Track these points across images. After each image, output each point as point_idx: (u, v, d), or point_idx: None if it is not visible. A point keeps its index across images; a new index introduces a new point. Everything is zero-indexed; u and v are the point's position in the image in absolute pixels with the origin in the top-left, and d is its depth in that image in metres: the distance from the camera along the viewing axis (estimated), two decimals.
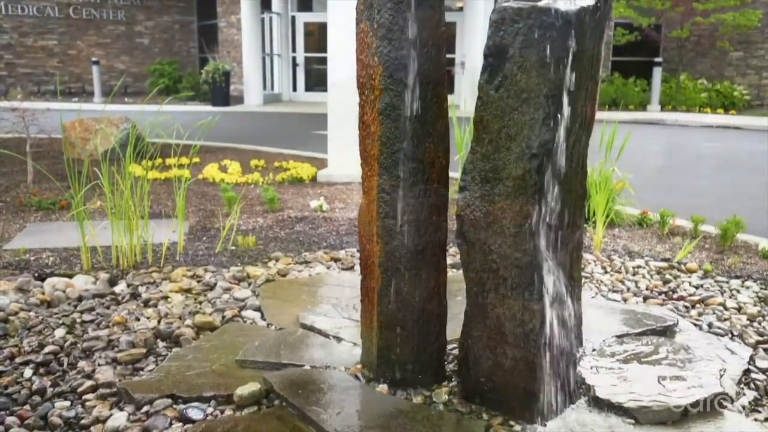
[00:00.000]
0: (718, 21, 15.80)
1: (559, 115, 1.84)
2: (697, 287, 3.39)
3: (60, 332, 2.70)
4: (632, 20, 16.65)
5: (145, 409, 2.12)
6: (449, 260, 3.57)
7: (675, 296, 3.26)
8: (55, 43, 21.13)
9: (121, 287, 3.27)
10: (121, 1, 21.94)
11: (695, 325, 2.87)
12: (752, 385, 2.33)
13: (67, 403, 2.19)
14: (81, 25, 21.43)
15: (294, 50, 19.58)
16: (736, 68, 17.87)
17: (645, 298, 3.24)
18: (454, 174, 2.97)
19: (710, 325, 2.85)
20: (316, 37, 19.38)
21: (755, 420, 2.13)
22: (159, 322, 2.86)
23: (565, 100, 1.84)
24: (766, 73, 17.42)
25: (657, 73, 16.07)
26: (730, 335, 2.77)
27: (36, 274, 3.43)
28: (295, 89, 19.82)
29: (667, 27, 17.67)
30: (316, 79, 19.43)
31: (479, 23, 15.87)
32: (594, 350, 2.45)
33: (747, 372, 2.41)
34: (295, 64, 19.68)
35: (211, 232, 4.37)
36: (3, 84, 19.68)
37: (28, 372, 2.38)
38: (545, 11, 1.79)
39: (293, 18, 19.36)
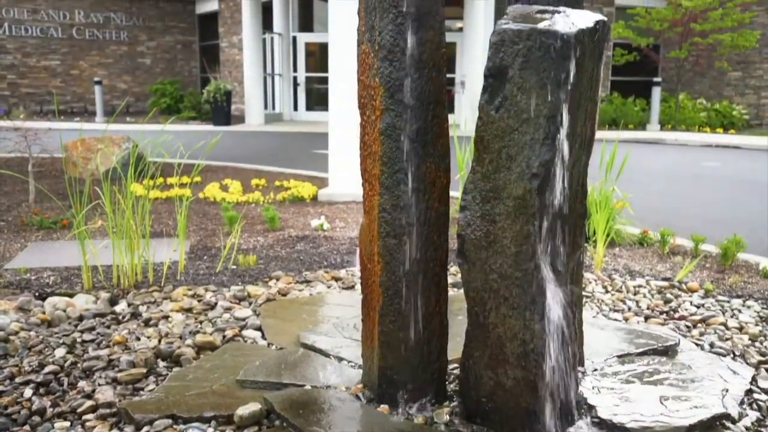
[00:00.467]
0: (716, 41, 15.94)
1: (558, 136, 1.86)
2: (698, 307, 3.39)
3: (60, 352, 2.70)
4: (631, 41, 16.81)
5: (145, 429, 2.11)
6: (450, 279, 3.58)
7: (676, 316, 3.25)
8: (57, 63, 21.31)
9: (121, 306, 3.26)
10: (124, 22, 22.16)
11: (697, 344, 2.87)
12: (755, 406, 2.32)
13: (67, 424, 2.17)
14: (84, 45, 21.63)
15: (295, 70, 19.72)
16: (734, 88, 17.98)
17: (646, 318, 3.23)
18: (455, 193, 2.98)
19: (712, 345, 2.85)
20: (317, 57, 19.52)
21: None
22: (159, 341, 2.85)
23: (565, 120, 1.86)
24: (765, 92, 17.52)
25: (656, 93, 16.18)
26: (732, 355, 2.76)
27: (37, 294, 3.43)
28: (296, 109, 19.93)
29: (665, 47, 17.82)
30: (317, 99, 19.54)
31: (479, 43, 16.01)
32: (595, 370, 2.45)
33: (749, 392, 2.40)
34: (296, 84, 19.80)
35: (211, 252, 4.37)
36: (6, 104, 19.80)
37: (28, 392, 2.37)
38: (545, 33, 1.80)
39: (294, 38, 19.52)
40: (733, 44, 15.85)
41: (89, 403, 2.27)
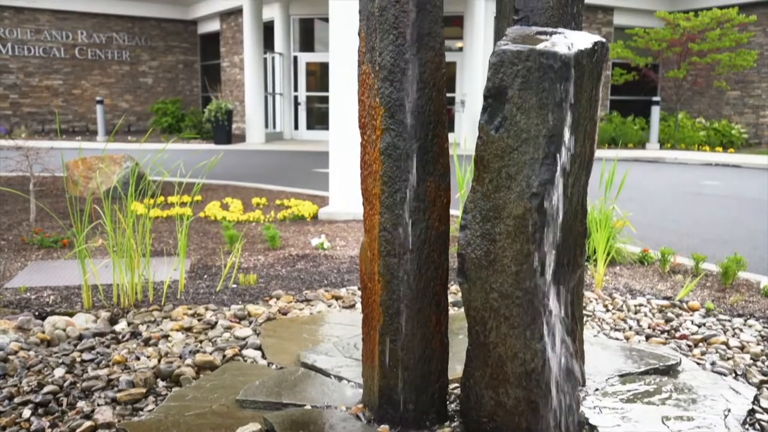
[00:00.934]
0: (715, 61, 16.05)
1: (558, 155, 1.87)
2: (699, 326, 3.38)
3: (59, 372, 2.69)
4: (630, 60, 16.92)
5: None
6: (450, 298, 3.57)
7: (677, 335, 3.24)
8: (60, 83, 21.44)
9: (121, 326, 3.26)
10: (126, 42, 22.33)
11: (698, 364, 2.86)
12: (757, 426, 2.31)
13: None
14: (86, 65, 21.78)
15: (296, 89, 19.84)
16: (733, 107, 18.07)
17: (647, 337, 3.22)
18: (456, 212, 2.98)
19: (713, 364, 2.84)
20: (318, 76, 19.66)
21: None
22: (159, 361, 2.84)
23: (565, 140, 1.87)
24: (764, 111, 17.60)
25: (655, 112, 16.27)
26: (733, 375, 2.75)
27: (36, 313, 3.42)
28: (296, 128, 20.02)
29: (664, 67, 17.93)
30: (318, 118, 19.65)
31: (479, 63, 16.13)
32: (597, 390, 2.44)
33: (752, 412, 2.39)
34: (297, 103, 19.92)
35: (212, 270, 4.37)
36: (8, 123, 19.89)
37: (26, 412, 2.36)
38: (544, 54, 1.82)
39: (295, 58, 19.66)
40: (732, 64, 15.96)
41: (88, 423, 2.26)
